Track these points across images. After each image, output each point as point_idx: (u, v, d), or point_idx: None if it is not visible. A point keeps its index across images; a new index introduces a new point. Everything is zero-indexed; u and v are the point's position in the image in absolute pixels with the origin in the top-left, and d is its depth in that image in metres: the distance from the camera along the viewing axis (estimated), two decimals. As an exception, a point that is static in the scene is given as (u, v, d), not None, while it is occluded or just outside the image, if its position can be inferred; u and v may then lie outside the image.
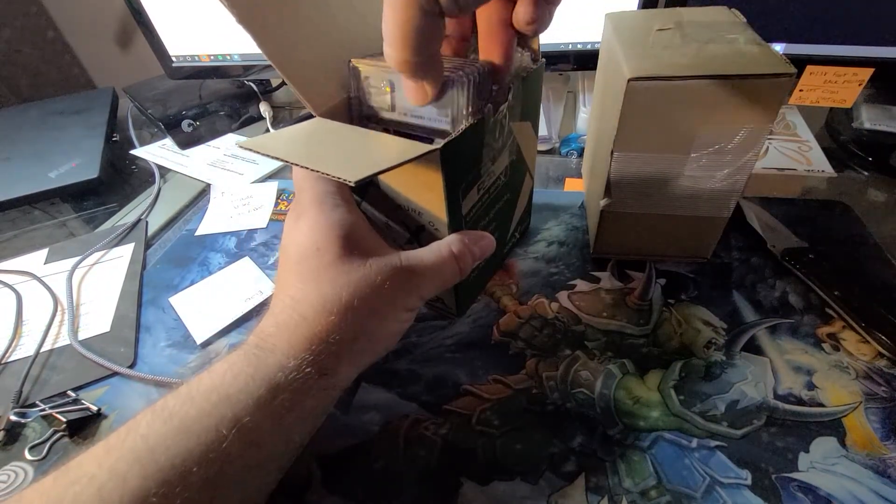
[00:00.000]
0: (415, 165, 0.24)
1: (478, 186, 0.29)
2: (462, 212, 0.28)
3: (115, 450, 0.19)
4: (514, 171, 0.34)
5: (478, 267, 0.33)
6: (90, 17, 0.92)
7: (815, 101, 0.45)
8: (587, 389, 0.30)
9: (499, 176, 0.32)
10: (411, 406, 0.30)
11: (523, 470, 0.26)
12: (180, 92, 0.69)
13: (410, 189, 0.28)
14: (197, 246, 0.45)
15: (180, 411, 0.20)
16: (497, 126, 0.28)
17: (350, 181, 0.20)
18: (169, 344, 0.36)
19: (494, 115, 0.27)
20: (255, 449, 0.21)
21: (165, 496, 0.18)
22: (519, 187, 0.36)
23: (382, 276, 0.24)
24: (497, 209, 0.33)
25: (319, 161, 0.22)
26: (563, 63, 0.53)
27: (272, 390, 0.21)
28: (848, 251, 0.38)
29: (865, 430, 0.27)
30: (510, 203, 0.35)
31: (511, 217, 0.37)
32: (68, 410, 0.31)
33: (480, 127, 0.26)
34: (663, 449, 0.27)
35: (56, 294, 0.41)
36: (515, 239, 0.40)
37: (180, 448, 0.19)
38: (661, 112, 0.29)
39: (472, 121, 0.25)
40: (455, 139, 0.24)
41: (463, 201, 0.28)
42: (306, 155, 0.23)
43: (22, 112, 0.71)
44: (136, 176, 0.59)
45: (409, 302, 0.26)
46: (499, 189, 0.32)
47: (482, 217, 0.31)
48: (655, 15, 0.35)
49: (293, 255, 0.24)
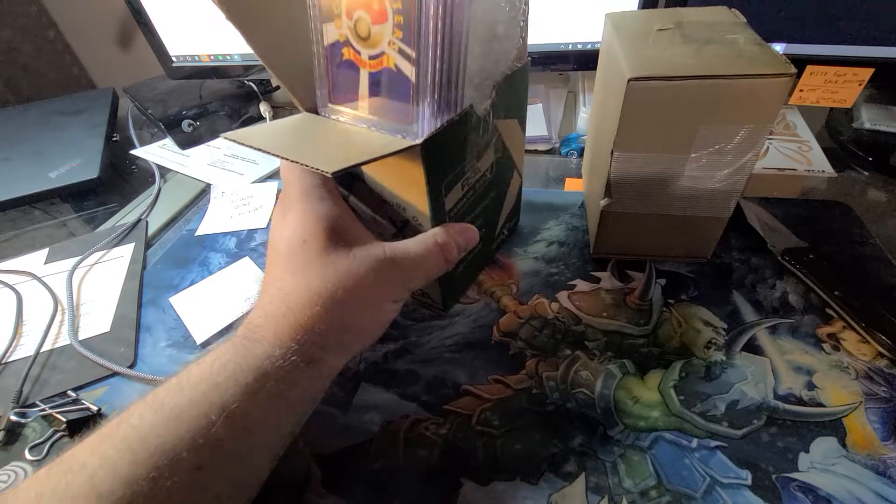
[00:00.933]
0: (398, 161, 0.25)
1: (462, 183, 0.30)
2: (446, 207, 0.29)
3: (107, 439, 0.20)
4: (501, 168, 0.34)
5: (464, 261, 0.33)
6: (90, 17, 0.92)
7: (816, 101, 0.45)
8: (587, 389, 0.30)
9: (484, 173, 0.32)
10: (411, 406, 0.30)
11: (523, 470, 0.26)
12: (180, 92, 0.69)
13: (395, 184, 0.28)
14: (197, 246, 0.45)
15: (170, 401, 0.21)
16: (480, 123, 0.28)
17: (327, 172, 0.21)
18: (169, 344, 0.36)
19: (477, 113, 0.27)
20: (245, 435, 0.21)
21: (155, 480, 0.18)
22: (506, 184, 0.37)
23: (367, 266, 0.24)
24: (484, 206, 0.34)
25: (300, 153, 0.23)
26: (564, 63, 0.53)
27: (260, 378, 0.22)
28: (848, 251, 0.38)
29: (866, 430, 0.27)
30: (497, 200, 0.36)
31: (499, 214, 0.37)
32: (68, 410, 0.31)
33: (462, 124, 0.26)
34: (663, 449, 0.27)
35: (56, 294, 0.41)
36: (504, 235, 0.40)
37: (170, 434, 0.19)
38: (661, 112, 0.29)
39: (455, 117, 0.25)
40: (435, 135, 0.24)
41: (446, 197, 0.28)
42: (288, 147, 0.24)
43: (22, 112, 0.71)
44: (136, 176, 0.59)
45: (395, 293, 0.26)
46: (485, 186, 0.33)
47: (468, 213, 0.32)
48: (655, 15, 0.35)
49: (281, 248, 0.25)
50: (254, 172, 0.55)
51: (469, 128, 0.28)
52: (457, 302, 0.36)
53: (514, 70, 0.30)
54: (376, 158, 0.23)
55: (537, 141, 0.54)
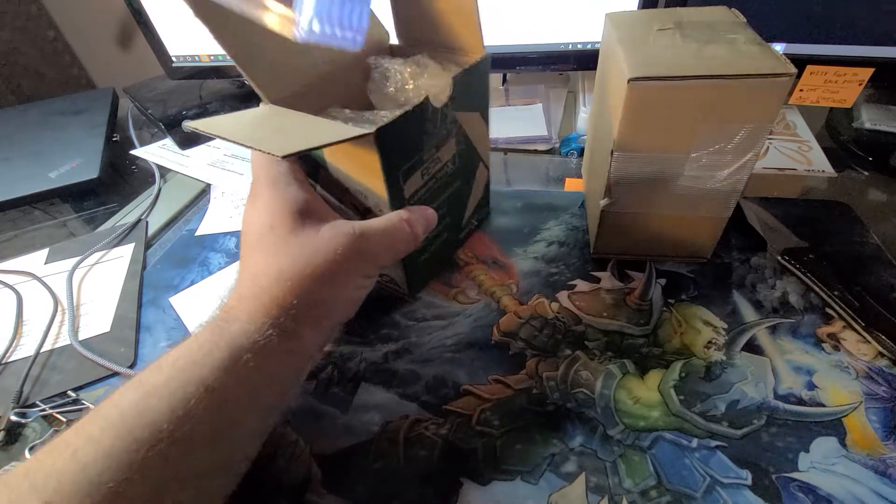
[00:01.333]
0: (357, 150, 0.27)
1: (421, 172, 0.31)
2: (405, 194, 0.30)
3: (91, 419, 0.20)
4: (465, 159, 0.35)
5: (429, 247, 0.36)
6: (90, 17, 0.92)
7: (816, 100, 0.45)
8: (587, 389, 0.30)
9: (446, 163, 0.33)
10: (411, 406, 0.30)
11: (523, 470, 0.26)
12: (180, 92, 0.69)
13: (356, 172, 0.29)
14: (197, 246, 0.45)
15: (150, 380, 0.22)
16: (438, 115, 0.30)
17: (278, 154, 0.22)
18: (169, 344, 0.36)
19: (433, 105, 0.29)
20: (224, 409, 0.22)
21: (136, 451, 0.19)
22: (472, 175, 0.38)
23: (336, 243, 0.25)
24: (448, 195, 0.35)
25: (257, 140, 0.24)
26: (563, 63, 0.53)
27: (235, 353, 0.22)
28: (848, 251, 0.38)
29: (866, 430, 0.27)
30: (463, 190, 0.37)
31: (465, 204, 0.39)
32: (68, 410, 0.31)
33: (418, 114, 0.28)
34: (663, 449, 0.27)
35: (56, 294, 0.41)
36: (473, 225, 0.42)
37: (150, 409, 0.20)
38: (661, 112, 0.29)
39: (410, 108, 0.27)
40: (390, 124, 0.26)
41: (405, 184, 0.30)
42: (246, 134, 0.25)
43: (22, 112, 0.71)
44: (137, 176, 0.59)
45: (364, 268, 0.27)
46: (447, 176, 0.34)
47: (430, 201, 0.33)
48: (655, 15, 0.35)
49: (251, 234, 0.26)
50: (254, 172, 0.55)
51: (425, 119, 0.29)
52: (423, 288, 0.37)
53: (472, 64, 0.31)
54: (328, 144, 0.24)
55: (537, 141, 0.54)
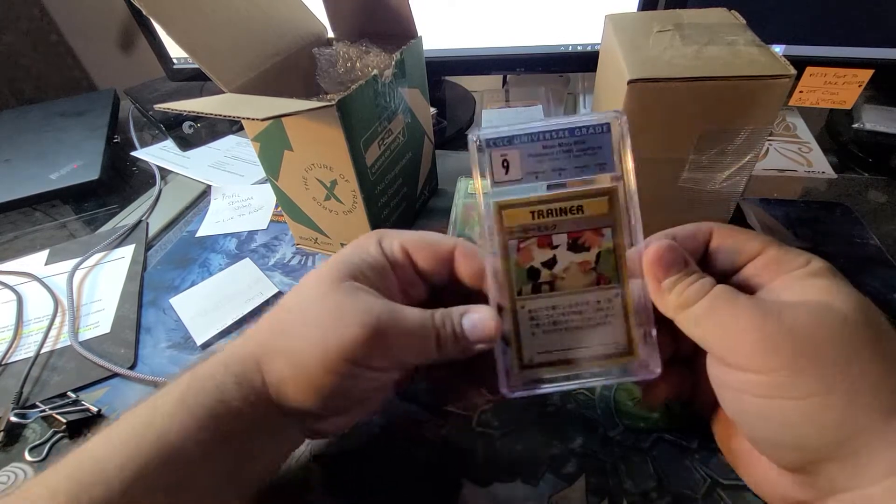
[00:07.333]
0: (322, 126, 0.31)
1: (378, 142, 0.35)
2: (367, 163, 0.34)
3: (64, 462, 0.20)
4: (412, 132, 0.40)
5: (391, 217, 0.40)
6: (92, 20, 0.92)
7: (815, 102, 0.45)
8: (588, 390, 0.30)
9: (397, 135, 0.38)
10: (411, 406, 0.30)
11: (523, 471, 0.26)
12: (181, 94, 0.69)
13: (321, 147, 0.33)
14: (197, 247, 0.45)
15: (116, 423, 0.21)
16: (387, 89, 0.34)
17: (258, 118, 0.26)
18: (169, 345, 0.36)
19: (381, 80, 0.33)
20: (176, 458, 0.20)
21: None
22: (420, 147, 0.43)
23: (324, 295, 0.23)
24: (402, 165, 0.40)
25: (231, 109, 0.27)
26: (563, 64, 0.53)
27: (192, 394, 0.21)
28: (848, 252, 0.37)
29: (866, 431, 0.27)
30: (414, 161, 0.42)
31: (418, 174, 0.44)
32: (68, 411, 0.31)
33: (371, 85, 0.32)
34: (664, 450, 0.27)
35: (57, 295, 0.41)
36: (426, 196, 0.47)
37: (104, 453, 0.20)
38: (661, 113, 0.29)
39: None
40: (348, 95, 0.30)
41: (366, 153, 0.34)
42: (220, 108, 0.28)
43: (23, 114, 0.71)
44: (137, 177, 0.59)
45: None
46: (399, 147, 0.38)
47: (388, 171, 0.37)
48: (655, 16, 0.35)
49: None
50: (254, 174, 0.55)
51: (377, 92, 0.33)
52: None
53: (409, 45, 0.36)
54: (297, 112, 0.28)
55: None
